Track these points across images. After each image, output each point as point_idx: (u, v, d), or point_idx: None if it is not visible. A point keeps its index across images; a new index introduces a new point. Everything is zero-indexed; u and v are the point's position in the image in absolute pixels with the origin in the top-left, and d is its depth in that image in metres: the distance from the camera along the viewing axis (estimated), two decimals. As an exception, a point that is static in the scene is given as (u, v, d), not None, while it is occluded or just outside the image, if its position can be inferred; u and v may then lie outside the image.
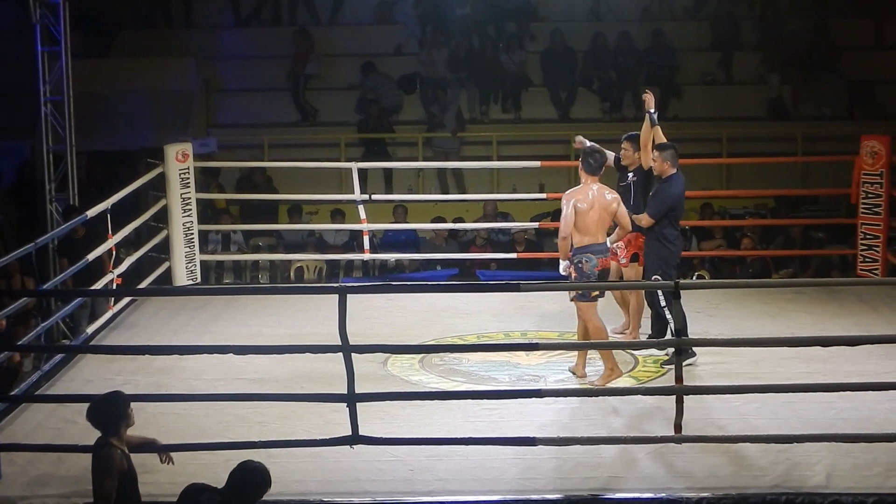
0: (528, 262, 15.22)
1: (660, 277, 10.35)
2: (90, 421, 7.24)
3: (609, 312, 11.08)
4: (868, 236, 13.38)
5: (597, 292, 10.11)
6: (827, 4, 20.15)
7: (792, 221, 16.09)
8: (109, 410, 7.22)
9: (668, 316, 10.25)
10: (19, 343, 10.20)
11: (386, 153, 19.12)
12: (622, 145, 11.06)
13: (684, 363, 9.85)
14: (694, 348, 10.31)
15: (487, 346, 11.26)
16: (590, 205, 10.07)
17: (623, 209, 10.26)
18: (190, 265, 13.51)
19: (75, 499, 8.09)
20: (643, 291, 10.82)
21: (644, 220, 10.53)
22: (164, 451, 7.81)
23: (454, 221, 16.58)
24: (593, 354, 10.33)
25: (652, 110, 10.82)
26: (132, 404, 7.33)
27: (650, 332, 10.92)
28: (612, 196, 10.21)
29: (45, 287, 11.40)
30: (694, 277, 15.03)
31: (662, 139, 10.81)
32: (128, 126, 18.77)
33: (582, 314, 10.16)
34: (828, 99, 19.50)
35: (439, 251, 15.99)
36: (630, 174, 11.01)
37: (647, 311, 10.91)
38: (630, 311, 11.09)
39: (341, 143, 19.08)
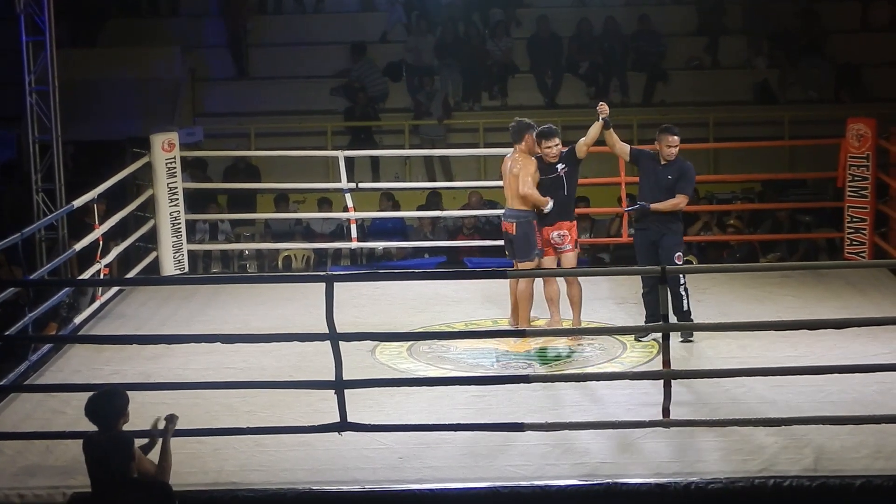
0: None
1: (681, 255, 10.85)
2: (89, 416, 7.23)
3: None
4: (855, 219, 13.40)
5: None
6: (813, -14, 20.23)
7: (779, 205, 16.09)
8: (108, 406, 7.22)
9: (683, 292, 10.75)
10: (6, 333, 10.17)
11: (372, 141, 19.11)
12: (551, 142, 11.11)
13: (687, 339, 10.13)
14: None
15: (475, 333, 11.27)
16: (502, 172, 11.29)
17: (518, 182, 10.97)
18: (177, 255, 13.50)
19: (64, 489, 8.09)
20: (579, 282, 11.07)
21: (683, 202, 10.90)
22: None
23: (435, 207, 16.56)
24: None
25: (606, 117, 11.00)
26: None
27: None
28: (511, 165, 11.06)
29: (32, 276, 11.39)
30: (681, 262, 15.01)
31: (618, 142, 11.12)
32: (114, 115, 18.72)
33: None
34: (814, 82, 19.51)
35: (427, 239, 15.97)
36: (560, 165, 11.02)
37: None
38: (570, 301, 11.11)
39: (328, 131, 19.07)
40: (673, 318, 10.34)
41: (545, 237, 11.01)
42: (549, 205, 10.88)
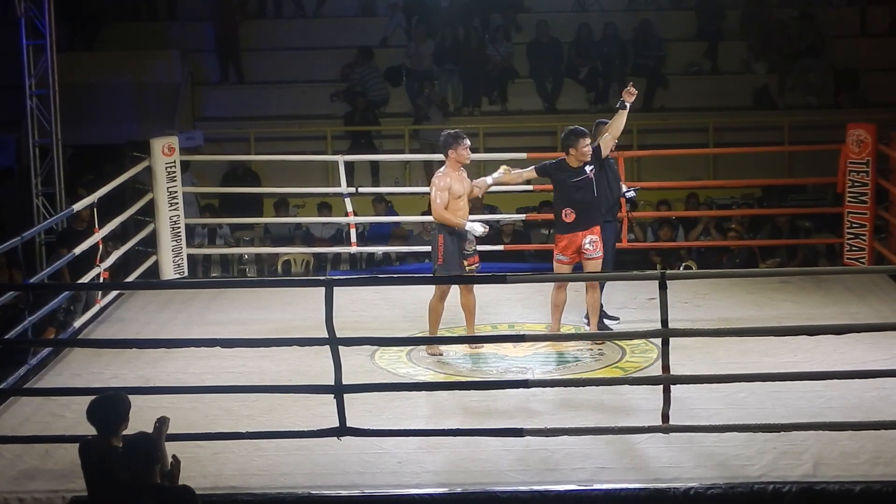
0: (515, 254, 15.24)
1: None
2: (91, 420, 7.22)
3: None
4: (854, 225, 13.39)
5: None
6: (812, -8, 20.27)
7: (778, 211, 16.10)
8: (112, 410, 7.21)
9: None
10: (5, 337, 10.16)
11: (372, 146, 19.11)
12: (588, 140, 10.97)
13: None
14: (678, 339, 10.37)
15: (475, 337, 11.25)
16: None
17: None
18: (177, 259, 13.49)
19: (63, 493, 8.10)
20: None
21: None
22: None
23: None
24: None
25: (629, 102, 11.04)
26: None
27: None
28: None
29: (31, 280, 11.39)
30: (681, 268, 15.05)
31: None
32: (114, 119, 18.74)
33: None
34: (813, 87, 19.52)
35: (427, 244, 15.92)
36: (589, 167, 10.96)
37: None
38: (589, 307, 11.06)
39: (328, 136, 19.08)
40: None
41: (577, 243, 10.86)
42: (469, 226, 10.72)
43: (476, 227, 10.71)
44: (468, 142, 10.86)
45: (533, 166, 11.11)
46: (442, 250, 10.73)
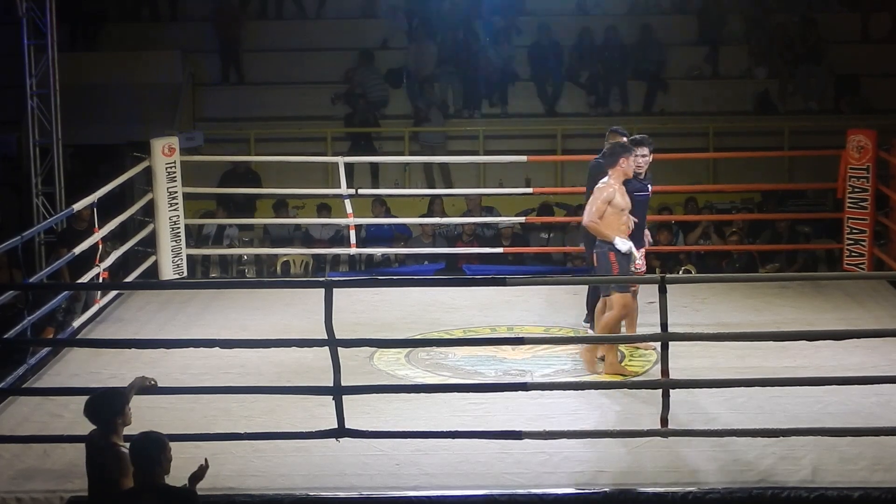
0: (515, 257, 15.25)
1: None
2: (86, 415, 7.22)
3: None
4: (854, 231, 13.38)
5: None
6: (813, -3, 20.30)
7: (778, 216, 16.11)
8: (104, 404, 7.21)
9: None
10: (5, 336, 10.15)
11: (372, 147, 19.11)
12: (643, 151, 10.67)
13: None
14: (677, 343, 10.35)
15: (474, 340, 11.24)
16: None
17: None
18: (176, 259, 13.48)
19: (61, 493, 8.10)
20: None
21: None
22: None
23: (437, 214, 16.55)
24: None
25: None
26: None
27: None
28: None
29: (30, 280, 11.39)
30: (681, 272, 15.06)
31: None
32: (114, 119, 18.75)
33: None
34: (814, 93, 19.53)
35: (426, 246, 15.95)
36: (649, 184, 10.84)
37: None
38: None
39: (328, 137, 19.08)
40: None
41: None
42: (621, 243, 10.05)
43: (625, 243, 10.07)
44: (639, 152, 10.47)
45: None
46: (617, 267, 10.14)
